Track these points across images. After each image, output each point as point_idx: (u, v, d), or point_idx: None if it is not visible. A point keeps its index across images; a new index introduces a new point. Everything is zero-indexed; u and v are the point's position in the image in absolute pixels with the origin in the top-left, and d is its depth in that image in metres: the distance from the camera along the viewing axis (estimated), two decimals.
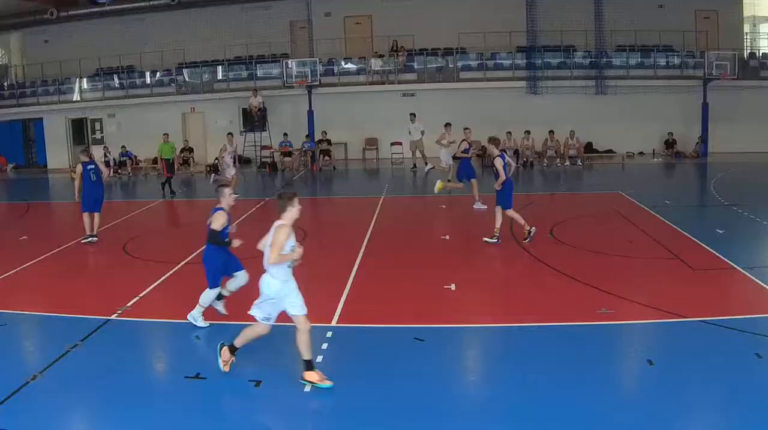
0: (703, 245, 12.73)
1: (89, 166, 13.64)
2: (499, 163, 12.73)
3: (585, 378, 7.22)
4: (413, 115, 24.61)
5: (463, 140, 16.72)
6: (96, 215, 13.83)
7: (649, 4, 26.73)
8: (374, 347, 8.22)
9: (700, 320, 8.71)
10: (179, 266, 11.81)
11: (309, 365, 6.89)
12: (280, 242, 6.67)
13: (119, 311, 9.33)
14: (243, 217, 16.26)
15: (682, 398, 6.80)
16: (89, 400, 6.88)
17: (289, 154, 26.19)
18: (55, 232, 15.20)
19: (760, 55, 27.88)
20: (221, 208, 8.29)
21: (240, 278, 8.63)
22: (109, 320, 9.07)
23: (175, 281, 11.05)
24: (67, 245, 13.68)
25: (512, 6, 26.41)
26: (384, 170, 25.79)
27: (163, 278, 11.06)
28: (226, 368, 7.15)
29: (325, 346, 8.05)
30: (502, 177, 12.61)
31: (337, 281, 10.62)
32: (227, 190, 8.35)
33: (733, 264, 11.28)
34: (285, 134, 26.15)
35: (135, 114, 27.17)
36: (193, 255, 12.36)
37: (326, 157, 26.12)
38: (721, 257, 11.73)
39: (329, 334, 8.43)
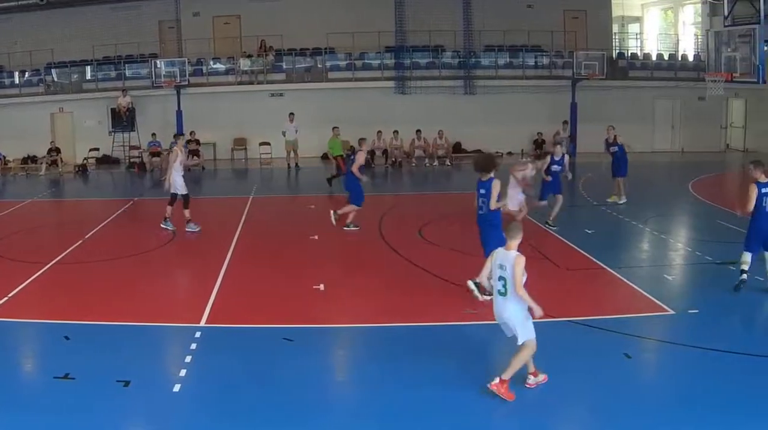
0: (571, 244, 12.92)
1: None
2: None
3: (450, 379, 7.30)
4: (292, 114, 24.63)
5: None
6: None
7: (517, 4, 26.94)
8: (243, 348, 8.32)
9: (568, 320, 8.79)
10: (49, 265, 11.82)
11: None
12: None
13: None
14: (110, 218, 16.26)
15: (550, 398, 6.89)
16: None
17: (158, 154, 26.00)
18: None
19: (629, 55, 28.17)
20: None
21: None
22: None
23: (45, 280, 11.08)
24: None
25: (381, 6, 26.45)
26: (252, 170, 25.77)
27: (33, 277, 11.04)
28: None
29: (193, 346, 8.12)
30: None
31: (206, 282, 10.71)
32: None
33: (601, 264, 11.48)
34: (153, 134, 25.95)
35: (3, 114, 26.79)
36: (62, 255, 12.50)
37: (195, 157, 25.91)
38: (590, 256, 11.91)
39: (198, 334, 8.52)
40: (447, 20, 26.42)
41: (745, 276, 9.96)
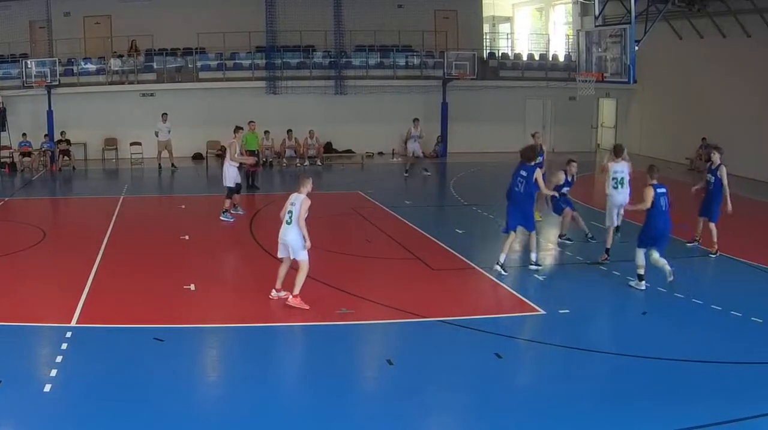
0: (442, 244, 13.07)
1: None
2: None
3: (323, 378, 7.49)
4: (165, 114, 24.68)
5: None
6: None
7: (388, 4, 27.08)
8: (114, 348, 8.42)
9: (439, 320, 8.97)
10: None
11: None
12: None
13: None
14: None
15: (422, 397, 7.08)
16: None
17: (29, 154, 26.04)
18: None
19: (500, 55, 28.43)
20: None
21: None
22: None
23: None
24: None
25: (251, 6, 26.40)
26: (123, 170, 25.80)
27: None
28: None
29: (64, 346, 8.21)
30: None
31: (76, 282, 10.74)
32: None
33: (472, 264, 11.65)
34: (24, 134, 25.88)
35: None
36: None
37: (66, 157, 26.03)
38: (460, 256, 12.08)
39: (69, 334, 8.60)
40: (318, 20, 26.41)
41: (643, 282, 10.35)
